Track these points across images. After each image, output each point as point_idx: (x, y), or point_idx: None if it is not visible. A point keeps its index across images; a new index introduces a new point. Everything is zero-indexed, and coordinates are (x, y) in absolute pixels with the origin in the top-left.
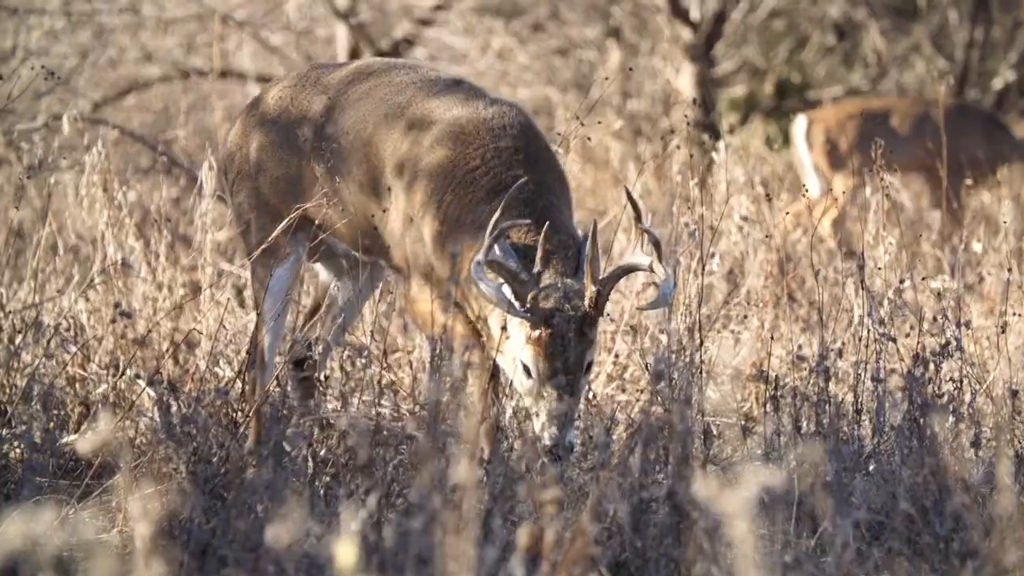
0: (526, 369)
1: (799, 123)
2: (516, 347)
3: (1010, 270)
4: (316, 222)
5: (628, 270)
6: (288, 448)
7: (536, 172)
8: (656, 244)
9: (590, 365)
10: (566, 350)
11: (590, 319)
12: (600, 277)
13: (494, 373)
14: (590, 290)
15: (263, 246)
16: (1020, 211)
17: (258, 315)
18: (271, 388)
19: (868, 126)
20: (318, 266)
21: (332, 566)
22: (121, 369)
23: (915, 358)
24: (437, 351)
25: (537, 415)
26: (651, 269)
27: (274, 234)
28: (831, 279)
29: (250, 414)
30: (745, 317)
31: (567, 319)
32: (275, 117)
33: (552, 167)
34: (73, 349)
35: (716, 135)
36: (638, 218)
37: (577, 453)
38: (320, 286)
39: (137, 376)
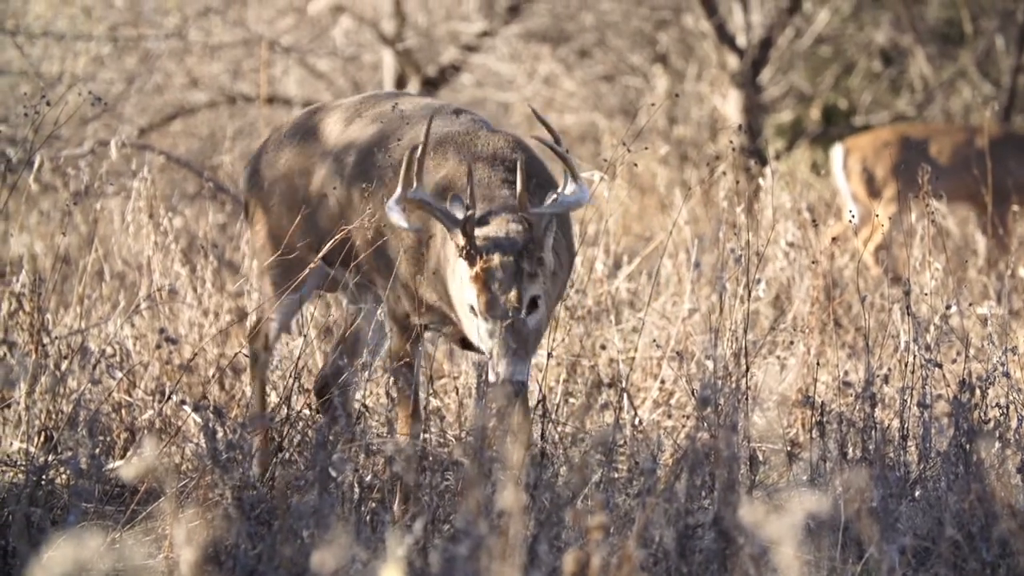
0: (473, 310)
1: (836, 153)
2: (465, 293)
3: None
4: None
5: (563, 205)
6: (334, 474)
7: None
8: (568, 162)
9: (536, 301)
10: (504, 283)
11: (528, 251)
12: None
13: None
14: (523, 222)
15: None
16: None
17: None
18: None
19: (906, 153)
20: (337, 295)
21: None
22: (167, 395)
23: (961, 384)
24: (483, 378)
25: (490, 355)
26: (579, 204)
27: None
28: (877, 305)
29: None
30: (791, 343)
31: (503, 251)
32: (287, 151)
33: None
34: (119, 375)
35: (762, 161)
36: (556, 141)
37: (621, 479)
38: (346, 315)
39: (183, 402)
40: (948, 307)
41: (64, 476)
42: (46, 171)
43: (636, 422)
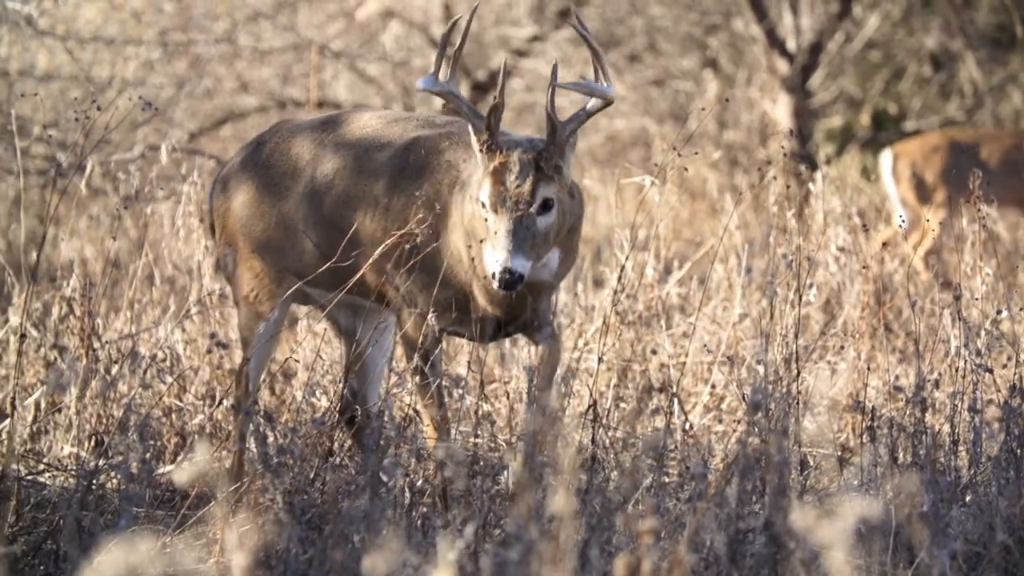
0: (483, 206)
1: (885, 158)
2: (479, 190)
3: None
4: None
5: (590, 113)
6: (385, 478)
7: None
8: (597, 56)
9: (548, 204)
10: (519, 177)
11: (548, 152)
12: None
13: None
14: (548, 122)
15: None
16: None
17: (242, 364)
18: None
19: (956, 158)
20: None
21: None
22: (217, 399)
23: (1012, 389)
24: (533, 381)
25: (491, 246)
26: (604, 96)
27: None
28: (928, 310)
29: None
30: (842, 348)
31: (522, 149)
32: (255, 173)
33: None
34: (169, 379)
35: (813, 166)
36: (590, 49)
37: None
38: (345, 339)
39: (234, 406)
40: (999, 312)
41: (115, 481)
42: (96, 176)
43: (687, 427)
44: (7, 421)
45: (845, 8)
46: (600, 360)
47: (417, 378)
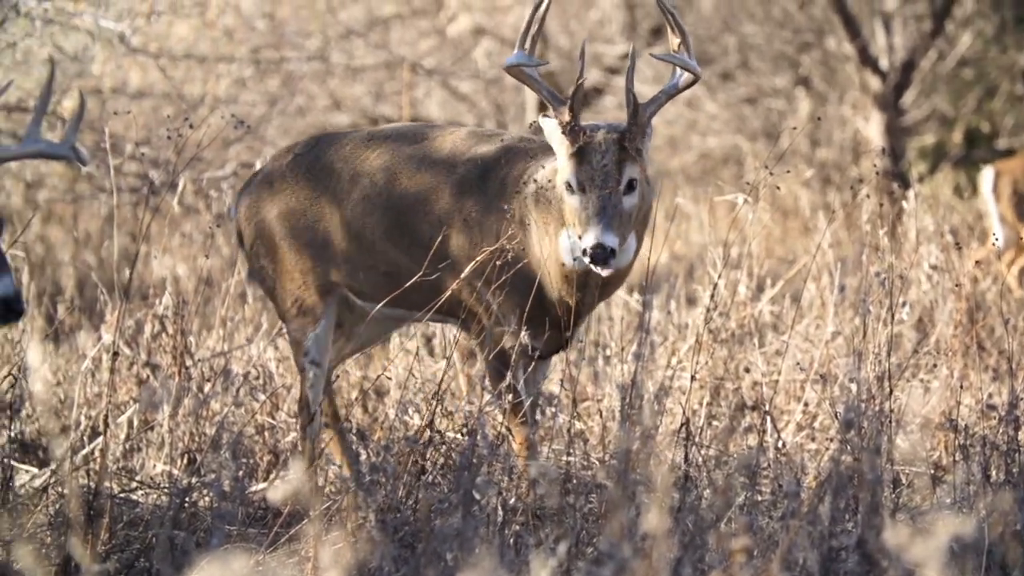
0: (569, 187)
1: (986, 175)
2: (563, 173)
3: None
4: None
5: (678, 90)
6: (478, 496)
7: None
8: (683, 34)
9: (632, 184)
10: (605, 157)
11: (631, 133)
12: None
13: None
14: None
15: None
16: None
17: (300, 372)
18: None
19: None
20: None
21: None
22: (310, 417)
23: None
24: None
25: (580, 225)
26: (693, 70)
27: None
28: (1021, 328)
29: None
30: (934, 366)
31: (606, 130)
32: (295, 185)
33: None
34: (262, 397)
35: (905, 184)
36: (676, 28)
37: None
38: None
39: (326, 425)
40: None
41: (207, 499)
42: (189, 193)
43: (779, 445)
44: (100, 439)
45: (938, 26)
46: (693, 378)
47: (510, 396)
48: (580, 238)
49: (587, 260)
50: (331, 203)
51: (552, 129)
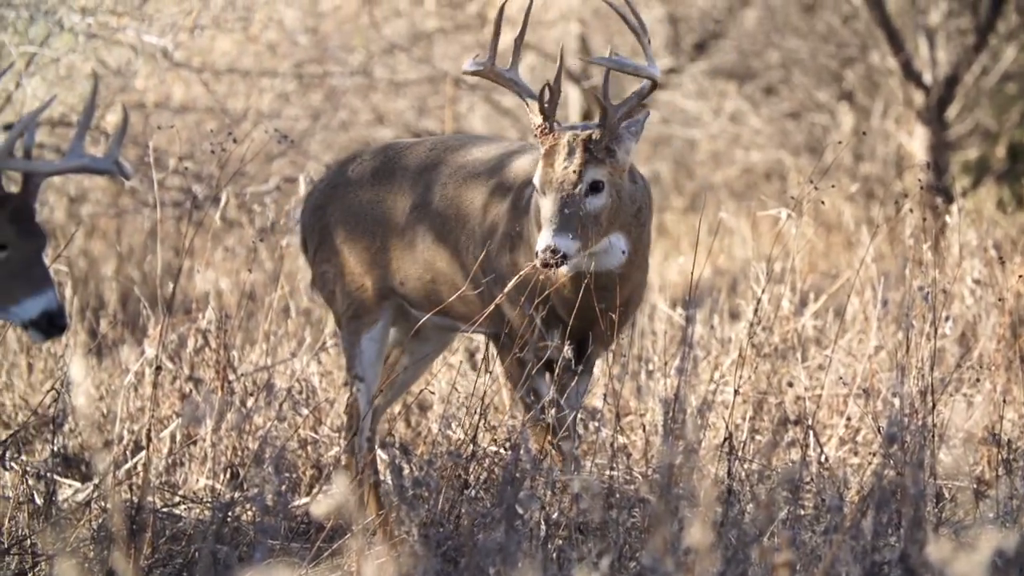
0: (535, 189)
1: None
2: (534, 175)
3: None
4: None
5: (641, 96)
6: (521, 511)
7: None
8: (637, 35)
9: (597, 186)
10: (568, 158)
11: (597, 139)
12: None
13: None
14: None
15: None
16: None
17: (352, 379)
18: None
19: None
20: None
21: None
22: (352, 432)
23: None
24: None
25: (539, 228)
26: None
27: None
28: None
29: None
30: (977, 380)
31: (573, 132)
32: (359, 190)
33: None
34: (305, 412)
35: (949, 198)
36: (640, 28)
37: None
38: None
39: (368, 439)
40: None
41: (250, 513)
42: (232, 208)
43: (822, 459)
44: (143, 453)
45: (982, 40)
46: (736, 392)
47: (522, 408)
48: (538, 239)
49: (537, 262)
50: (390, 208)
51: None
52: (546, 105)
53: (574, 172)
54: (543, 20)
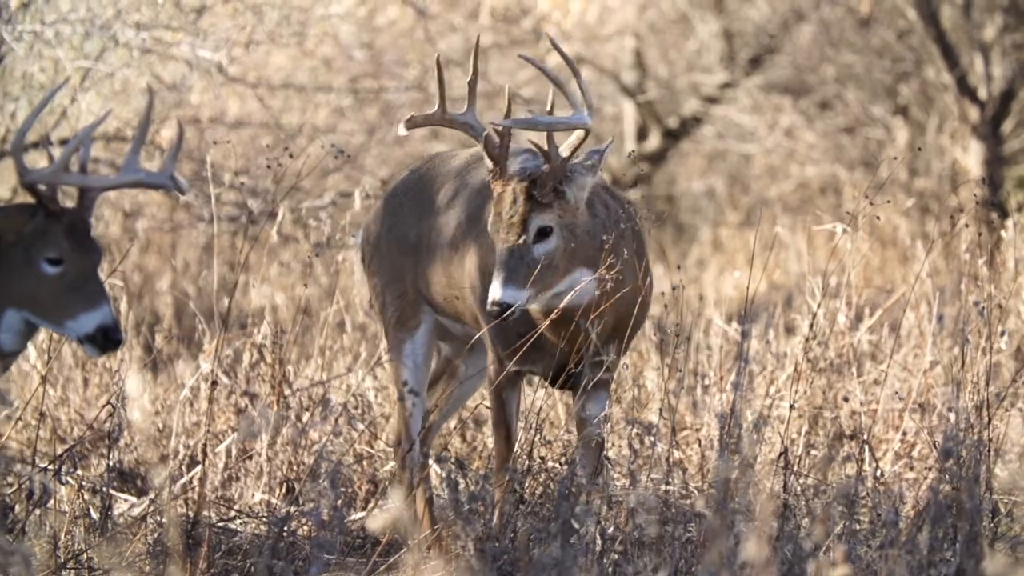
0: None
1: None
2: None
3: None
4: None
5: (573, 148)
6: (576, 525)
7: None
8: (559, 85)
9: (545, 231)
10: (511, 209)
11: (541, 180)
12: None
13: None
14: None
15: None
16: None
17: (403, 393)
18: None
19: None
20: (442, 343)
21: None
22: (407, 447)
23: None
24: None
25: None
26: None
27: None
28: None
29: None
30: None
31: (518, 178)
32: (400, 200)
33: None
34: (361, 427)
35: (1004, 213)
36: (575, 73)
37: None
38: (442, 358)
39: (424, 454)
40: None
41: (306, 527)
42: (287, 223)
43: (878, 474)
44: (199, 468)
45: None
46: (792, 407)
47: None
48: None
49: (489, 315)
50: (427, 217)
51: None
52: (494, 150)
53: (519, 222)
54: (599, 35)
